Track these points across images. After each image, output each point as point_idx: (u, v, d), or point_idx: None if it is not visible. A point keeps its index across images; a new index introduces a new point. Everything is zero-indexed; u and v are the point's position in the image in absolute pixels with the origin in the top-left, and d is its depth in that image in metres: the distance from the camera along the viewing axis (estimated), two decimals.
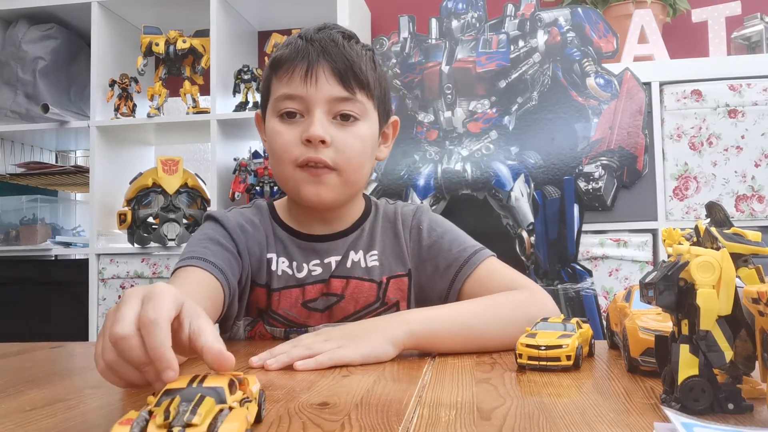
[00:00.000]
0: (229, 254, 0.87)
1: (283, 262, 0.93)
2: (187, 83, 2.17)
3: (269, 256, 0.93)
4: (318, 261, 0.93)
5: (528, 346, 0.66)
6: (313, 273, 0.92)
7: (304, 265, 0.93)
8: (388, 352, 0.73)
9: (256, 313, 0.94)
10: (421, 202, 1.70)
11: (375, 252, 0.95)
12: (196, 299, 0.80)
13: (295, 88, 0.86)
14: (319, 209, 0.92)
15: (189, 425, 0.35)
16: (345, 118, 0.87)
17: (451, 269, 0.92)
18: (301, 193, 0.88)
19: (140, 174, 2.10)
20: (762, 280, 0.47)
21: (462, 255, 0.92)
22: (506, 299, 0.85)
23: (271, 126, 0.89)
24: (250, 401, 0.44)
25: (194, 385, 0.41)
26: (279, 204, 0.99)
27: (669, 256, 0.53)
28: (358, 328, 0.77)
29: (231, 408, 0.39)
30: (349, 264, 0.93)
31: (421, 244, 0.95)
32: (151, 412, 0.38)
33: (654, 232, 1.76)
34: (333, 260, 0.93)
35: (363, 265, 0.94)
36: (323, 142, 0.85)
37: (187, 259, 0.84)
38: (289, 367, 0.69)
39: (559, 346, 0.65)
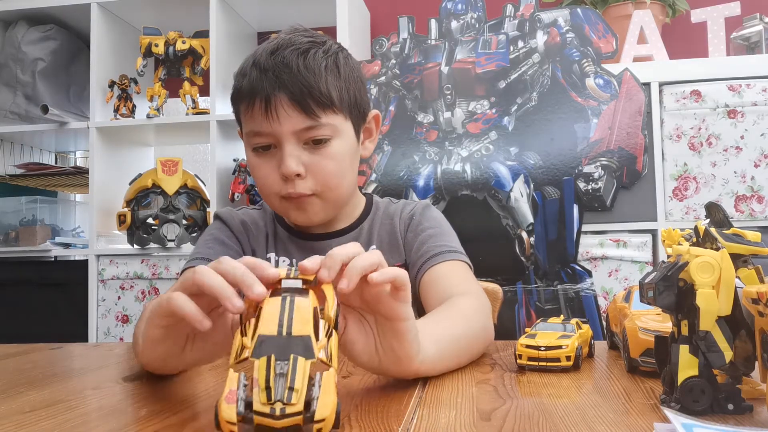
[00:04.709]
0: (233, 253, 0.94)
1: (284, 261, 0.97)
2: (186, 84, 2.17)
3: (269, 255, 0.97)
4: None
5: (528, 346, 0.66)
6: None
7: None
8: None
9: None
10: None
11: (374, 247, 0.96)
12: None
13: (259, 124, 0.85)
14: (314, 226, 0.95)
15: (288, 404, 0.39)
16: (317, 141, 0.86)
17: (419, 261, 0.93)
18: (291, 219, 0.93)
19: (140, 175, 2.10)
20: (761, 281, 0.47)
21: (433, 250, 0.92)
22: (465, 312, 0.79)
23: (249, 158, 0.91)
24: (332, 335, 0.45)
25: (284, 333, 0.42)
26: None
27: (669, 256, 0.53)
28: None
29: (322, 365, 0.41)
30: None
31: (408, 233, 0.98)
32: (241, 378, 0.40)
33: (653, 233, 1.76)
34: None
35: None
36: (298, 175, 0.86)
37: (193, 260, 0.93)
38: None
39: (559, 347, 0.65)
